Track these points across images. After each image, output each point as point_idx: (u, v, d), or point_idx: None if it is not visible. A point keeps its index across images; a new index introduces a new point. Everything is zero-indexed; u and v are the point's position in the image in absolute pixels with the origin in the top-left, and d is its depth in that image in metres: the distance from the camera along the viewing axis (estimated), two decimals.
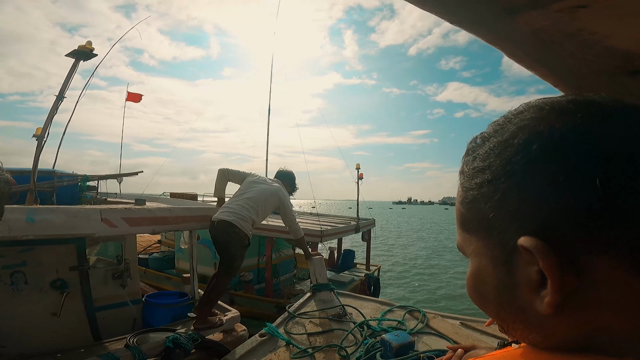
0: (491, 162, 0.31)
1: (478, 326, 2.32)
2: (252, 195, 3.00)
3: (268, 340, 2.16)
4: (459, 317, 2.55)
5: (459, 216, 0.36)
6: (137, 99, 8.97)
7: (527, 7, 0.54)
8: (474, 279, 0.34)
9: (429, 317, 2.42)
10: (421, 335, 2.22)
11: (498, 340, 1.41)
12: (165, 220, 2.64)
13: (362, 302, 2.87)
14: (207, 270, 5.94)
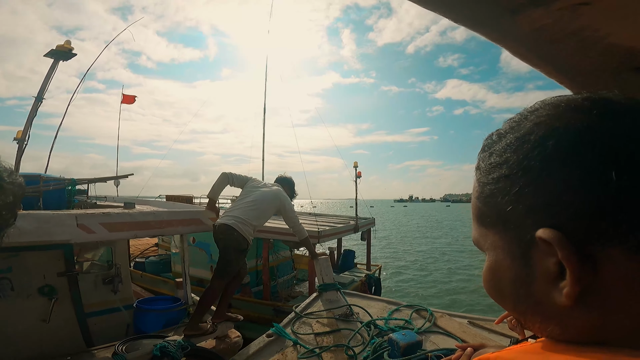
0: (508, 157, 0.31)
1: (486, 325, 2.31)
2: (253, 199, 3.01)
3: (275, 341, 2.17)
4: (467, 315, 2.53)
5: (476, 211, 0.36)
6: (131, 100, 8.99)
7: (529, 5, 0.54)
8: (491, 273, 0.35)
9: (436, 316, 2.41)
10: (429, 334, 2.20)
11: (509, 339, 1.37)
12: (149, 225, 2.51)
13: (369, 302, 2.88)
14: (204, 274, 5.82)
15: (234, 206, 3.02)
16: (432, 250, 16.69)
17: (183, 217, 2.80)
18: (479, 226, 0.36)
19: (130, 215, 2.37)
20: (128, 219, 2.33)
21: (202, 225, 2.94)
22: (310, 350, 2.02)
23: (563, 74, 0.78)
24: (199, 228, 2.94)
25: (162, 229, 2.65)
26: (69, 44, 2.70)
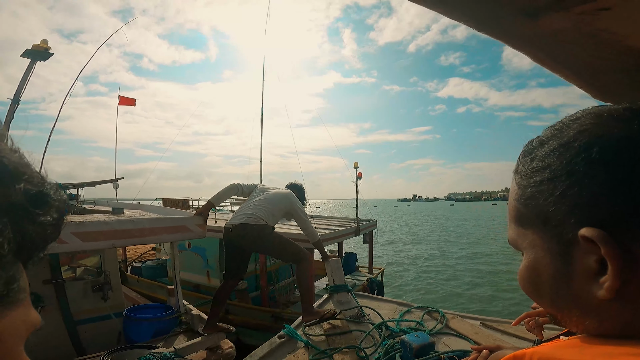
0: (551, 162, 0.33)
1: (499, 326, 2.30)
2: (263, 197, 2.95)
3: (287, 342, 2.16)
4: (479, 317, 2.51)
5: (514, 212, 0.38)
6: (131, 102, 8.83)
7: (548, 9, 0.56)
8: (530, 270, 0.36)
9: (448, 318, 2.39)
10: (441, 335, 2.19)
11: (523, 341, 1.51)
12: (128, 234, 2.34)
13: (380, 303, 2.88)
14: (200, 279, 5.66)
15: (244, 206, 2.92)
16: (439, 252, 16.43)
17: (167, 224, 2.63)
18: (517, 227, 0.38)
19: (107, 223, 2.20)
20: (104, 228, 2.16)
21: (188, 233, 2.76)
22: (322, 351, 2.02)
23: (581, 77, 0.78)
24: (184, 236, 2.77)
25: (144, 238, 2.48)
26: (45, 43, 2.56)
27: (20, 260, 0.26)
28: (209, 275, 5.51)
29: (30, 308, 0.28)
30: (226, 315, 5.05)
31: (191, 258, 5.73)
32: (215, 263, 5.42)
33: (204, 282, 5.57)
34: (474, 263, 13.11)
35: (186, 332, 3.39)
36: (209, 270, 5.50)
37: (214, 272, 5.45)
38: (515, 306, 8.13)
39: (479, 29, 0.66)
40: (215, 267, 5.42)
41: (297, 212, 3.04)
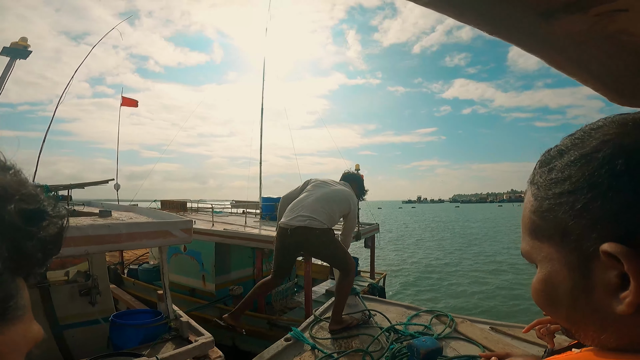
0: (571, 173, 0.32)
1: (509, 331, 2.25)
2: (323, 196, 2.69)
3: (293, 345, 2.15)
4: (489, 321, 2.47)
5: (530, 224, 0.37)
6: (133, 104, 8.75)
7: (564, 11, 0.55)
8: (544, 283, 0.36)
9: (457, 322, 2.37)
10: (449, 340, 2.17)
11: (534, 346, 1.52)
12: (103, 239, 2.17)
13: (388, 307, 2.85)
14: (196, 283, 5.50)
15: (300, 202, 2.68)
16: (443, 254, 16.16)
17: (147, 229, 2.46)
18: (532, 239, 0.37)
19: (78, 229, 2.04)
20: (77, 234, 2.00)
21: (171, 238, 2.59)
22: (328, 355, 2.01)
23: (599, 80, 0.77)
24: (167, 241, 2.60)
25: (121, 244, 2.31)
26: (24, 41, 2.43)
27: (19, 276, 0.27)
28: (204, 279, 5.35)
29: (31, 322, 0.28)
30: (220, 320, 4.89)
31: (186, 262, 5.58)
32: (210, 267, 5.26)
33: (200, 286, 5.41)
34: (481, 265, 12.84)
35: (175, 339, 3.23)
36: (205, 275, 5.34)
37: (209, 276, 5.29)
38: (524, 313, 7.88)
39: (493, 33, 0.65)
40: (210, 272, 5.26)
41: (352, 218, 2.82)
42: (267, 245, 4.56)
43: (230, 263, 5.67)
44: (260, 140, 7.64)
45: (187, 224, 2.69)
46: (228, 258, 5.63)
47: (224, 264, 5.45)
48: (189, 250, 5.52)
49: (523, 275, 10.91)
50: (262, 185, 7.88)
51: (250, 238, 4.69)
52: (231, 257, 5.64)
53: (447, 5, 0.60)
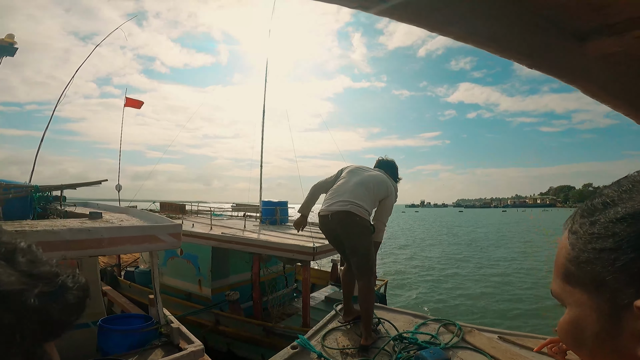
0: (616, 232, 0.31)
1: (517, 340, 2.24)
2: (360, 180, 2.57)
3: (300, 353, 2.13)
4: (497, 330, 2.45)
5: (563, 270, 0.37)
6: (137, 105, 8.70)
7: (600, 33, 0.55)
8: (573, 325, 0.37)
9: (464, 331, 2.36)
10: (456, 349, 2.16)
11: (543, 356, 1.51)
12: (82, 244, 2.05)
13: (395, 315, 2.83)
14: (192, 287, 5.37)
15: (340, 188, 2.56)
16: (447, 259, 15.94)
17: (131, 234, 2.33)
18: (565, 284, 0.37)
19: (55, 233, 1.91)
20: (52, 238, 1.88)
21: (158, 244, 2.47)
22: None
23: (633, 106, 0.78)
24: (153, 246, 2.47)
25: (102, 249, 2.18)
26: (11, 37, 2.33)
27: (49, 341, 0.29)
28: (200, 283, 5.22)
29: None
30: (216, 325, 4.77)
31: (182, 265, 5.46)
32: (207, 271, 5.13)
33: (196, 290, 5.29)
34: (489, 272, 12.63)
35: (165, 346, 3.12)
36: (201, 279, 5.21)
37: (205, 280, 5.16)
38: (534, 319, 7.68)
39: (533, 65, 0.65)
40: (207, 276, 5.13)
41: (390, 202, 2.63)
42: (265, 251, 4.43)
43: (229, 268, 5.55)
44: (262, 143, 7.52)
45: (176, 229, 2.55)
46: (226, 262, 5.51)
47: (221, 269, 5.33)
48: (185, 254, 5.40)
49: (531, 283, 10.70)
50: (265, 187, 7.78)
51: (248, 243, 4.56)
52: (229, 262, 5.52)
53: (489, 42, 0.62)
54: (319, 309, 5.01)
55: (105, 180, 3.78)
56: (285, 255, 4.21)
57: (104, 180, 3.78)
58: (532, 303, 8.86)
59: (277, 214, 6.57)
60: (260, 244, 4.46)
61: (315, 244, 4.17)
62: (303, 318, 4.28)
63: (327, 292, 6.38)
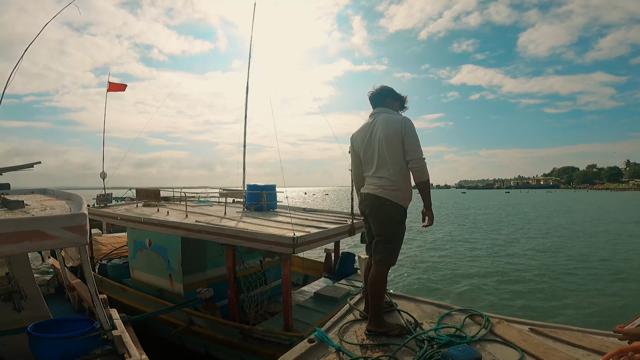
0: None
1: (550, 332, 2.15)
2: (374, 153, 2.45)
3: (317, 346, 2.06)
4: (528, 322, 2.34)
5: None
6: (121, 88, 8.70)
7: None
8: None
9: (492, 322, 2.27)
10: (484, 343, 2.06)
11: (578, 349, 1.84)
12: None
13: (418, 304, 2.73)
14: (163, 283, 4.75)
15: (367, 170, 2.52)
16: (451, 242, 15.35)
17: (5, 230, 1.65)
18: None
19: None
20: None
21: (45, 241, 1.78)
22: (355, 359, 1.95)
23: None
24: (36, 245, 1.79)
25: None
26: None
27: None
28: (171, 278, 4.60)
29: None
30: (190, 326, 4.18)
31: (152, 258, 4.83)
32: (177, 265, 4.50)
33: (167, 286, 4.67)
34: (505, 255, 12.04)
35: (107, 356, 2.64)
36: (172, 273, 4.59)
37: (176, 275, 4.54)
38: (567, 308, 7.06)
39: None
40: (177, 270, 4.50)
41: (410, 139, 2.37)
42: (237, 242, 3.76)
43: (206, 260, 4.92)
44: (245, 122, 6.78)
45: (75, 220, 1.86)
46: (202, 255, 4.88)
47: (195, 262, 4.70)
48: (154, 246, 4.77)
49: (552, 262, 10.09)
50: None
51: (219, 232, 3.89)
52: (207, 254, 4.89)
53: None
54: (307, 308, 4.39)
55: (38, 162, 3.10)
56: (261, 247, 3.54)
57: (37, 163, 3.11)
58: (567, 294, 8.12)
59: (264, 199, 5.89)
60: (235, 233, 3.78)
61: (297, 234, 3.50)
62: (285, 321, 3.66)
63: (319, 285, 5.77)
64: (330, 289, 4.90)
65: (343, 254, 6.16)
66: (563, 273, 9.72)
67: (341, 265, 5.99)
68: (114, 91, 8.71)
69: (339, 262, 6.09)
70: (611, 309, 6.96)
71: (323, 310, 4.31)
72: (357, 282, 5.44)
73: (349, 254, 6.12)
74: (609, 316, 6.57)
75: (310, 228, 4.24)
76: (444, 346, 2.02)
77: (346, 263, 6.01)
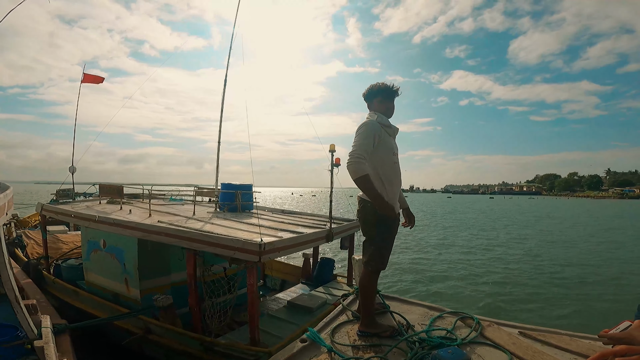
0: None
1: (539, 336, 2.20)
2: None
3: (309, 346, 2.10)
4: (518, 325, 2.38)
5: None
6: (98, 80, 8.52)
7: None
8: None
9: (483, 325, 2.31)
10: (474, 345, 2.09)
11: (565, 352, 1.94)
12: None
13: (410, 307, 2.75)
14: (119, 287, 4.29)
15: None
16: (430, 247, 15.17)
17: None
18: None
19: None
20: None
21: None
22: (346, 359, 1.96)
23: None
24: None
25: None
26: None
27: None
28: (127, 283, 4.15)
29: None
30: (147, 334, 3.75)
31: (107, 261, 4.36)
32: (133, 269, 4.05)
33: (123, 291, 4.21)
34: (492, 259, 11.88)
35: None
36: (127, 278, 4.13)
37: (132, 279, 4.08)
38: (553, 307, 6.87)
39: None
40: (133, 274, 4.05)
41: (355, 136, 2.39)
42: (202, 247, 3.35)
43: (170, 264, 4.48)
44: (220, 119, 6.35)
45: None
46: (165, 258, 4.44)
47: (154, 265, 4.25)
48: (109, 247, 4.30)
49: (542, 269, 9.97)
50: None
51: (179, 235, 3.47)
52: (172, 257, 4.45)
53: None
54: (278, 319, 4.00)
55: None
56: (224, 253, 3.14)
57: None
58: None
59: (238, 199, 5.47)
60: (193, 236, 3.37)
61: (266, 240, 3.11)
62: (251, 334, 3.26)
63: (296, 292, 5.39)
64: (305, 298, 4.52)
65: (322, 259, 5.79)
66: (554, 277, 9.68)
67: (319, 272, 5.62)
68: (90, 82, 8.51)
69: (317, 268, 5.72)
70: (604, 314, 6.90)
71: (296, 321, 3.94)
72: (335, 289, 5.09)
73: (328, 259, 5.76)
74: (598, 321, 6.49)
75: (284, 232, 3.86)
76: (435, 348, 2.04)
77: (325, 269, 5.64)
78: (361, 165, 2.28)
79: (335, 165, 4.09)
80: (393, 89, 2.55)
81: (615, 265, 11.36)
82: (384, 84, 2.57)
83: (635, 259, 12.31)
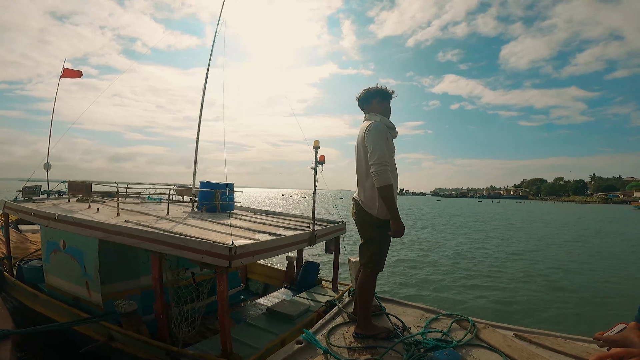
0: None
1: (534, 338, 2.21)
2: (355, 158, 2.67)
3: (305, 348, 2.12)
4: (513, 327, 2.40)
5: None
6: (76, 75, 8.49)
7: None
8: None
9: (478, 328, 2.32)
10: (469, 347, 2.10)
11: (561, 355, 1.90)
12: None
13: (406, 309, 2.84)
14: (80, 291, 3.92)
15: None
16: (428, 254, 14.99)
17: None
18: None
19: None
20: None
21: None
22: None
23: None
24: None
25: None
26: None
27: None
28: (88, 286, 3.78)
29: None
30: (109, 342, 3.40)
31: (66, 262, 3.98)
32: (94, 272, 3.69)
33: (84, 295, 3.84)
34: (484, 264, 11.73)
35: None
36: (88, 281, 3.77)
37: (93, 283, 3.72)
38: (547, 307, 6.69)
39: None
40: (94, 277, 3.69)
41: (369, 142, 2.43)
42: (167, 250, 3.02)
43: (138, 266, 4.13)
44: (200, 116, 6.04)
45: None
46: (133, 260, 4.08)
47: (119, 268, 3.90)
48: (69, 248, 3.92)
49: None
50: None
51: (142, 236, 3.14)
52: (140, 259, 4.11)
53: None
54: (256, 327, 3.69)
55: None
56: (191, 257, 2.83)
57: None
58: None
59: (217, 198, 5.14)
60: (157, 238, 3.04)
61: (238, 242, 2.80)
62: (222, 344, 2.95)
63: (277, 297, 5.08)
64: (286, 305, 4.22)
65: (306, 263, 5.49)
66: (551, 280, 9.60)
67: (303, 276, 5.32)
68: (69, 77, 8.43)
69: (301, 272, 5.41)
70: (599, 317, 6.79)
71: (275, 330, 3.62)
72: (319, 295, 4.79)
73: (313, 263, 5.45)
74: (592, 324, 6.39)
75: (262, 235, 3.55)
76: (430, 350, 2.05)
77: (309, 273, 5.34)
78: (389, 174, 2.35)
79: (319, 163, 3.80)
80: (389, 91, 2.67)
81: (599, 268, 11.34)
82: (379, 86, 2.69)
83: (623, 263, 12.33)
